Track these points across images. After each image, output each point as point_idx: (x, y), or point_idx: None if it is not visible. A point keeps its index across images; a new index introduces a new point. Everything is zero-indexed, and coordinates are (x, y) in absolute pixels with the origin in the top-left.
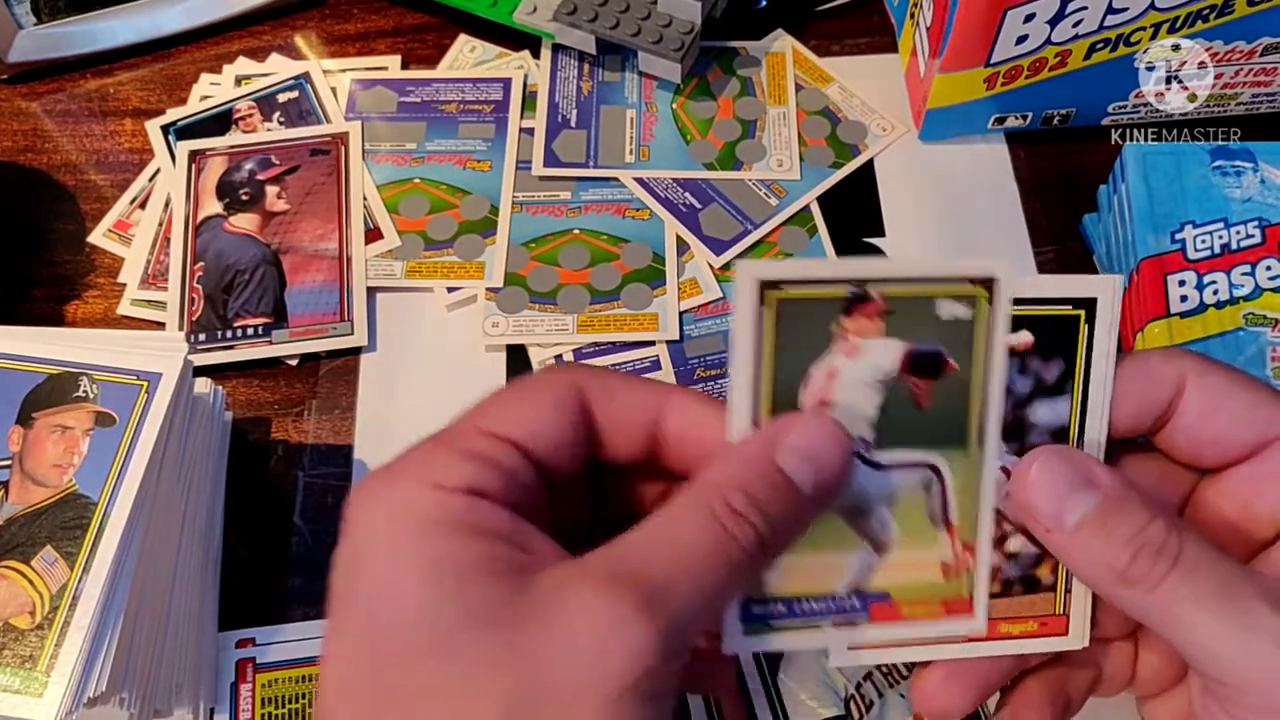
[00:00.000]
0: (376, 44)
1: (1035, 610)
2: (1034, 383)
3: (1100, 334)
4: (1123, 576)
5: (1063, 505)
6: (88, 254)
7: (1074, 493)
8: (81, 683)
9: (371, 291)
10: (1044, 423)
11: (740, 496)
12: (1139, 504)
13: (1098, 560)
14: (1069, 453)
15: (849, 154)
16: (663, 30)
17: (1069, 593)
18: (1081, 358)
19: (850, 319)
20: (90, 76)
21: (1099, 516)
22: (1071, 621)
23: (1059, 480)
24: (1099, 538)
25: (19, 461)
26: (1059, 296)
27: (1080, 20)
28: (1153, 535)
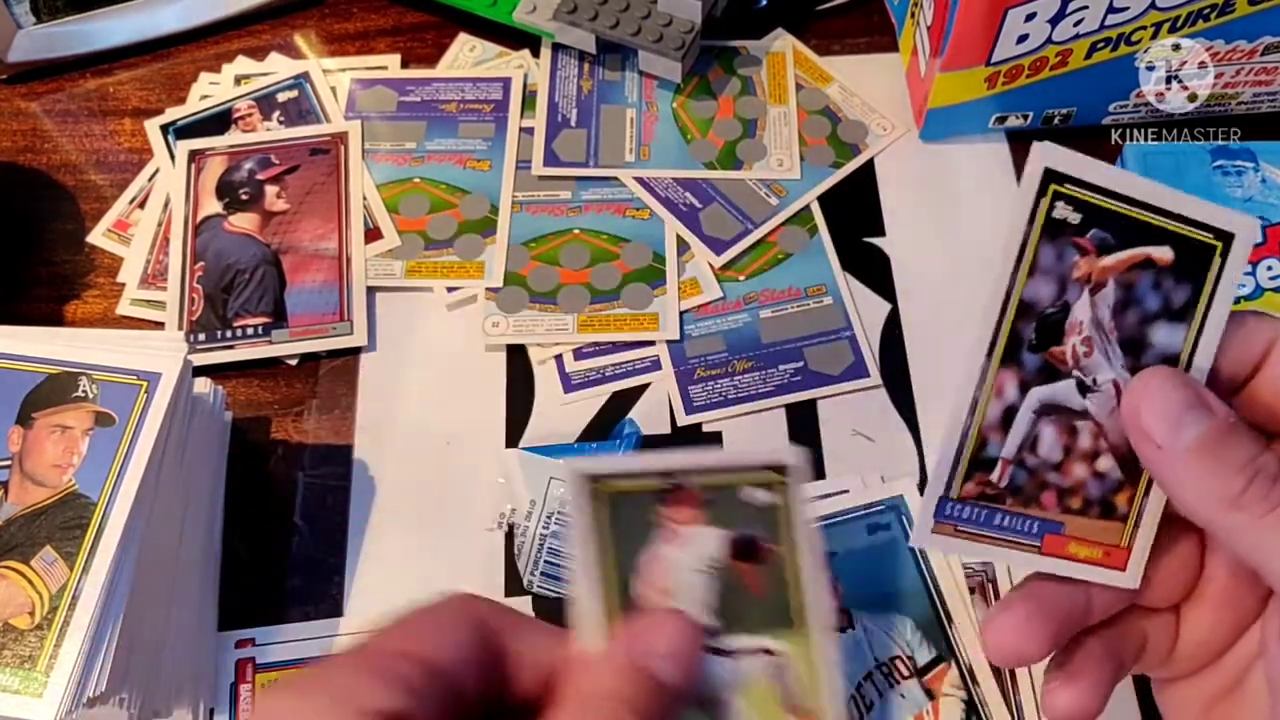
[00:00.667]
0: (376, 43)
1: (1104, 537)
2: (1162, 303)
3: (1230, 272)
4: (1234, 502)
5: (1178, 423)
6: (87, 254)
7: (1189, 411)
8: (81, 683)
9: (371, 291)
10: (1161, 344)
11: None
12: (1252, 434)
13: (1207, 483)
14: (1185, 376)
15: (849, 153)
16: (663, 29)
17: (1136, 529)
18: (1208, 289)
19: (669, 509)
20: (89, 76)
21: (1214, 439)
22: (1131, 558)
23: (1175, 398)
24: (1212, 461)
25: (18, 461)
26: (1206, 222)
27: (1081, 19)
28: (1266, 464)
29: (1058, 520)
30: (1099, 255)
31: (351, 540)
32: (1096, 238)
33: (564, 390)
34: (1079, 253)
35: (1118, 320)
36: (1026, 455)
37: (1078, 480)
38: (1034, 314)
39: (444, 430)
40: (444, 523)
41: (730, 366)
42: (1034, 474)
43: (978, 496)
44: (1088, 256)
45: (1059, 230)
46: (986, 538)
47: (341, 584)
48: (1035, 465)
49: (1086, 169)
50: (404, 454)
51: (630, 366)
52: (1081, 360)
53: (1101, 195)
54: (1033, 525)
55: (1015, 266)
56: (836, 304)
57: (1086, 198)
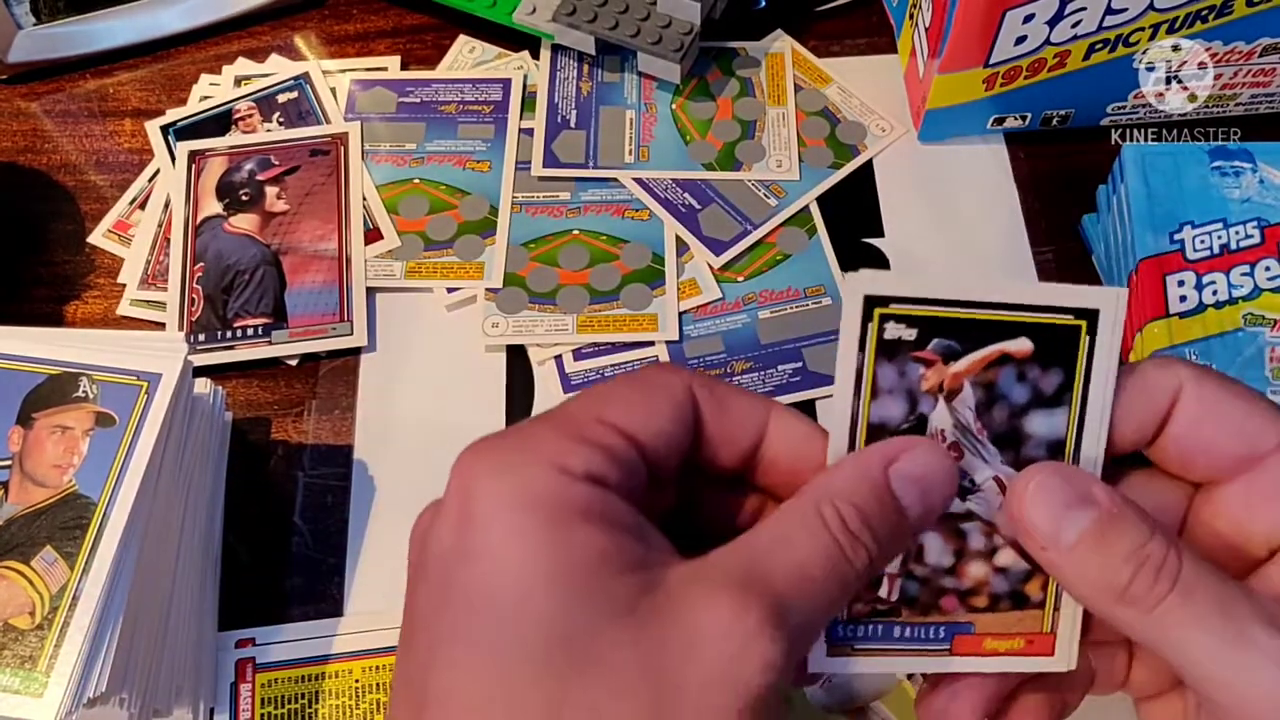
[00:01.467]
0: (376, 44)
1: (1023, 627)
2: (1031, 393)
3: (1101, 348)
4: (1121, 596)
5: (1059, 523)
6: (87, 254)
7: (1070, 510)
8: (81, 683)
9: (371, 292)
10: (1040, 434)
11: (854, 514)
12: (1137, 520)
13: (1095, 579)
14: (1066, 469)
15: (848, 154)
16: (662, 31)
17: (1057, 611)
18: (1081, 370)
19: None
20: (90, 77)
21: (1096, 534)
22: (1058, 641)
23: (1056, 497)
24: (1096, 556)
25: (19, 462)
26: (1062, 305)
27: (1079, 21)
28: (1151, 553)
29: (965, 621)
30: (946, 363)
31: (351, 540)
32: (939, 347)
33: (564, 391)
34: (924, 365)
35: (984, 419)
36: (914, 566)
37: (977, 580)
38: (887, 433)
39: (444, 431)
40: None
41: (729, 367)
42: (926, 582)
43: (870, 614)
44: (934, 366)
45: (895, 350)
46: (888, 651)
47: (341, 584)
48: (925, 574)
49: (910, 286)
50: (404, 454)
51: (630, 367)
52: None
53: (934, 306)
54: (937, 631)
55: (855, 394)
56: (835, 305)
57: (918, 313)
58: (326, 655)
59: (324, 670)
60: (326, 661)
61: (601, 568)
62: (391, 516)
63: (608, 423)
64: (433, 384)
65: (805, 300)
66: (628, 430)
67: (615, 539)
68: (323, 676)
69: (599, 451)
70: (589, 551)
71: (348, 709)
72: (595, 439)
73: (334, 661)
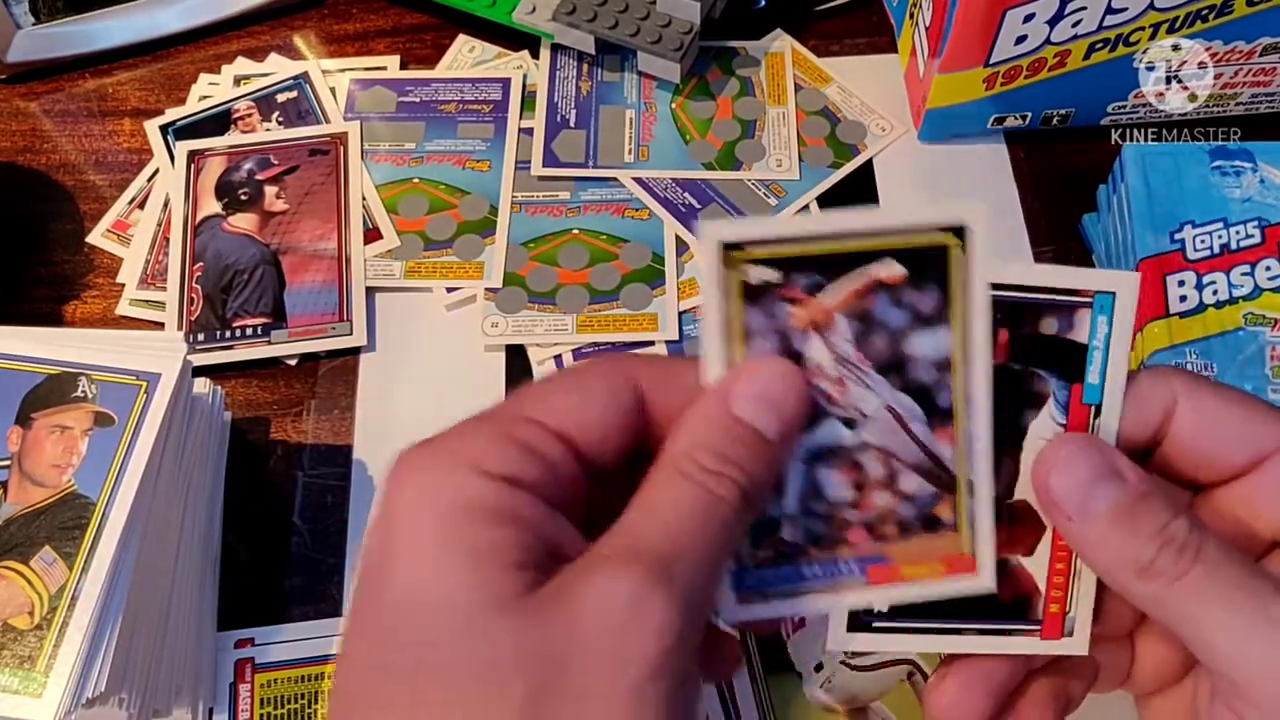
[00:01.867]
0: (375, 44)
1: (939, 550)
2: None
3: (1119, 331)
4: (1145, 570)
5: (1087, 495)
6: (86, 254)
7: (1099, 483)
8: (80, 683)
9: (370, 291)
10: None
11: (709, 455)
12: (1164, 500)
13: (1118, 553)
14: (1096, 441)
15: (848, 154)
16: (662, 30)
17: (974, 529)
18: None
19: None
20: (89, 76)
21: (1125, 509)
22: (979, 560)
23: (1084, 468)
24: (1122, 531)
25: (18, 461)
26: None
27: (1079, 20)
28: (1176, 531)
29: (877, 554)
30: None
31: (351, 540)
32: (805, 284)
33: None
34: (792, 303)
35: (865, 348)
36: (813, 504)
37: (883, 509)
38: None
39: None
40: None
41: None
42: (829, 519)
43: (776, 558)
44: (803, 303)
45: (761, 293)
46: (801, 592)
47: (341, 584)
48: (827, 510)
49: (767, 228)
50: None
51: None
52: (839, 400)
53: (795, 244)
54: (849, 565)
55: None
56: None
57: (779, 254)
58: (326, 655)
59: (323, 670)
60: (326, 662)
61: (500, 563)
62: None
63: (535, 419)
64: (432, 384)
65: None
66: (556, 426)
67: (518, 536)
68: (322, 677)
69: (520, 450)
70: (489, 549)
71: None
72: (518, 437)
73: (333, 662)
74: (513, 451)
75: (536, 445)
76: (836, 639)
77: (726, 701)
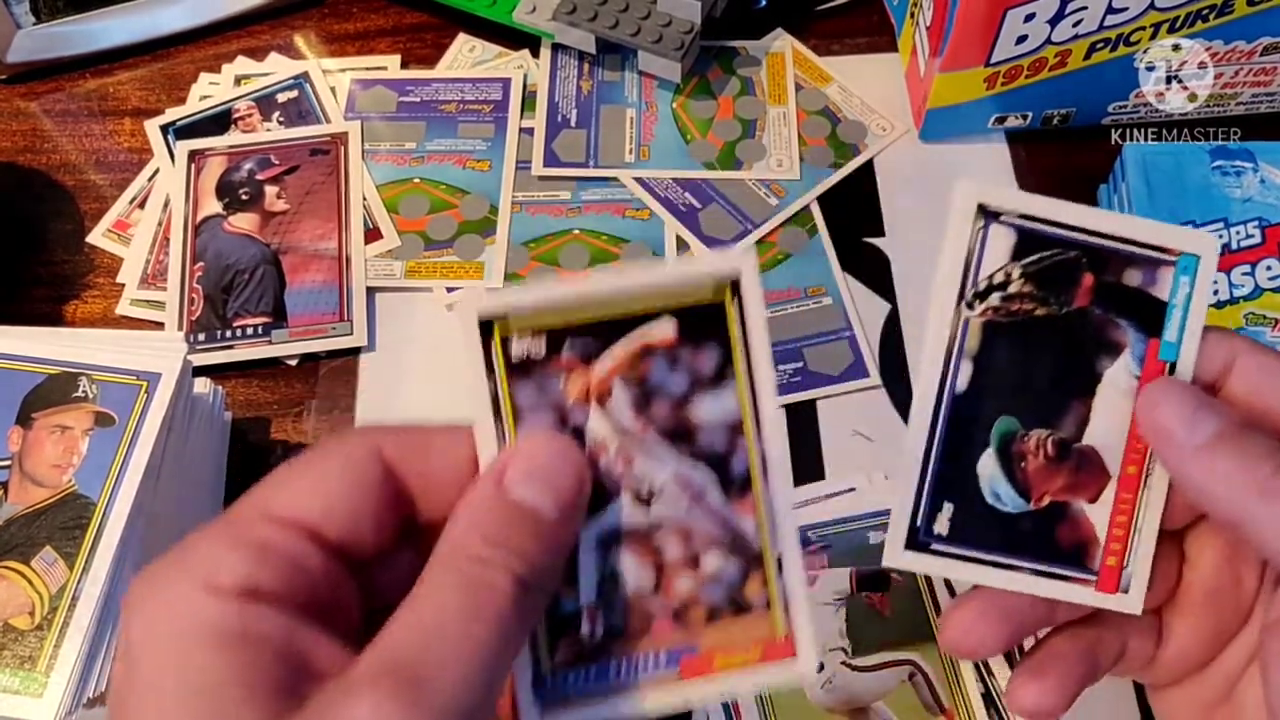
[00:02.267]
0: (376, 43)
1: (752, 634)
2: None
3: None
4: (1264, 488)
5: (1194, 420)
6: (87, 254)
7: (1201, 409)
8: (81, 683)
9: (371, 291)
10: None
11: (480, 541)
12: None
13: (1232, 473)
14: (1189, 385)
15: (849, 154)
16: (662, 30)
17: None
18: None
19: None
20: (89, 76)
21: (1233, 432)
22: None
23: (1187, 399)
24: (1235, 451)
25: (18, 462)
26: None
27: (1080, 20)
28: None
29: (686, 644)
30: (587, 366)
31: None
32: (574, 351)
33: None
34: (564, 374)
35: (646, 417)
36: (611, 593)
37: (689, 593)
38: None
39: None
40: None
41: None
42: (630, 609)
43: (576, 659)
44: (574, 373)
45: (528, 367)
46: (609, 693)
47: None
48: (627, 600)
49: (525, 295)
50: None
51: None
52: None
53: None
54: (658, 659)
55: (496, 421)
56: (836, 304)
57: (545, 323)
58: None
59: None
60: None
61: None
62: None
63: (272, 516)
64: (432, 384)
65: (806, 300)
66: (295, 517)
67: (254, 659)
68: None
69: (254, 554)
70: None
71: None
72: (253, 538)
73: None
74: (246, 557)
75: (274, 544)
76: (893, 556)
77: (727, 702)
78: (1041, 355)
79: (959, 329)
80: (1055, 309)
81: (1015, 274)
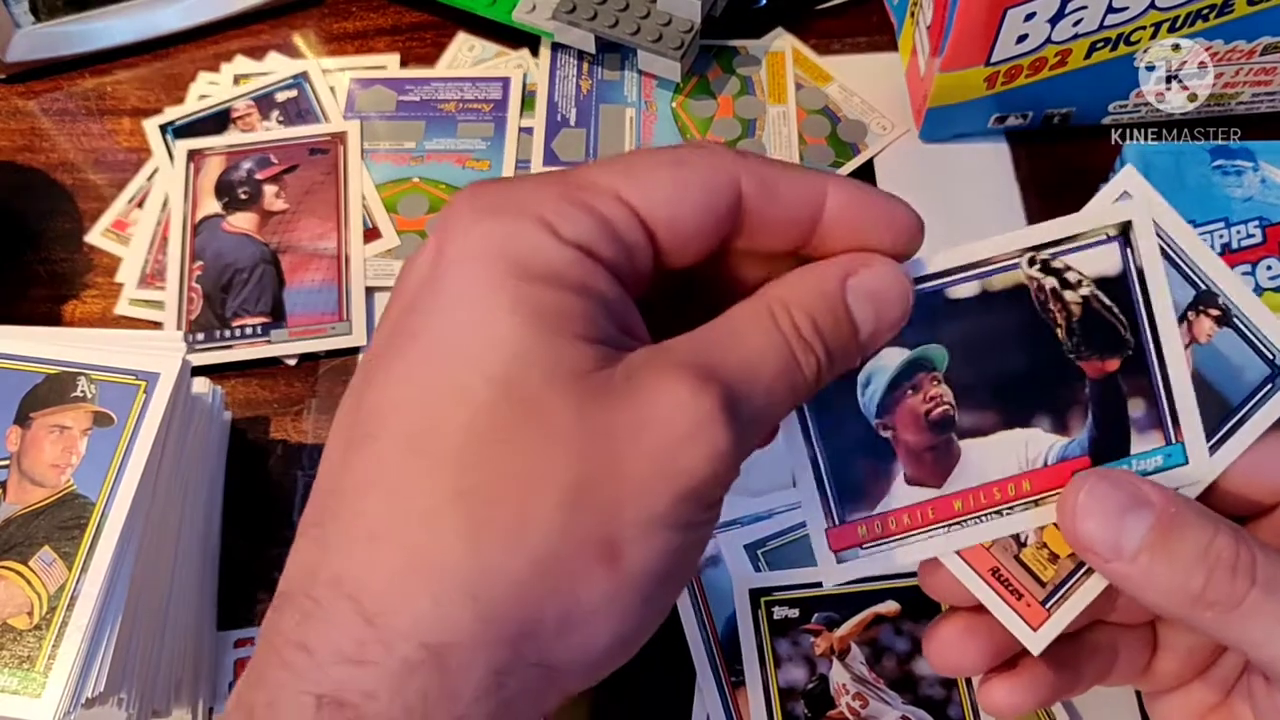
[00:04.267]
0: (375, 42)
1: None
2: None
3: None
4: (1198, 600)
5: (1118, 532)
6: (85, 253)
7: (1126, 515)
8: (80, 683)
9: (370, 291)
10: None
11: (808, 324)
12: (1198, 517)
13: (1167, 585)
14: (1112, 473)
15: (849, 153)
16: (662, 29)
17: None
18: None
19: None
20: (88, 75)
21: (1159, 537)
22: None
23: (1108, 505)
24: (1164, 561)
25: (17, 461)
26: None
27: (1080, 19)
28: (1221, 550)
29: None
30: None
31: None
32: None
33: None
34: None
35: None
36: None
37: None
38: (797, 694)
39: None
40: None
41: None
42: None
43: None
44: (821, 635)
45: (785, 627)
46: None
47: None
48: None
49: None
50: None
51: None
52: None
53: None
54: None
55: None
56: None
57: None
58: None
59: None
60: None
61: (562, 332)
62: None
63: (622, 199)
64: None
65: None
66: (643, 211)
67: (585, 309)
68: None
69: (598, 223)
70: (553, 314)
71: None
72: (599, 209)
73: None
74: (590, 223)
75: (618, 225)
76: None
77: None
78: (1004, 351)
79: None
80: (1060, 338)
81: (1085, 290)
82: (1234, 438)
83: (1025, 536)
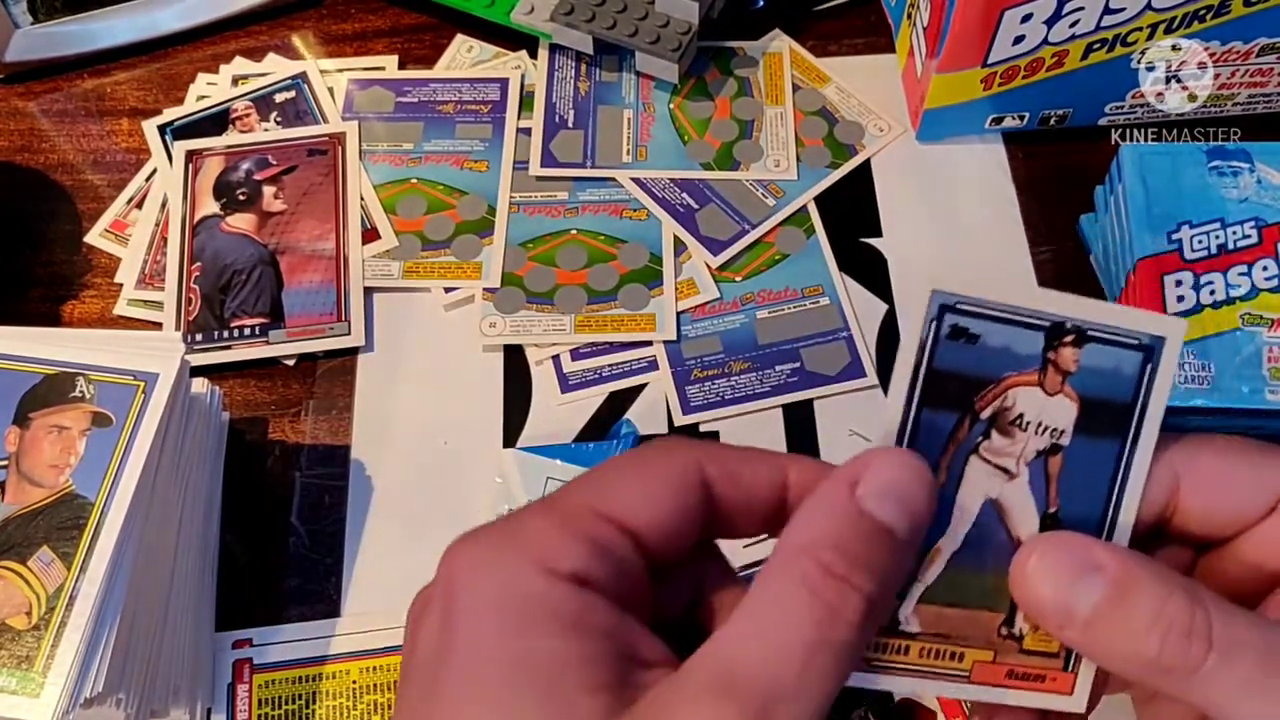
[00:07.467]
0: (373, 44)
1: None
2: None
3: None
4: (1154, 665)
5: (1069, 598)
6: (84, 254)
7: (1077, 581)
8: (78, 683)
9: (369, 292)
10: None
11: (833, 555)
12: (1151, 579)
13: (1122, 651)
14: (1064, 537)
15: (846, 154)
16: (660, 30)
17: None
18: None
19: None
20: (87, 76)
21: (1112, 602)
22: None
23: (1060, 570)
24: (1117, 627)
25: (15, 462)
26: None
27: (1077, 20)
28: (1175, 614)
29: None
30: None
31: (349, 540)
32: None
33: (561, 390)
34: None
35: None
36: None
37: None
38: None
39: (441, 430)
40: (441, 522)
41: (727, 367)
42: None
43: None
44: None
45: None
46: None
47: (339, 584)
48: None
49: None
50: (401, 454)
51: (627, 367)
52: None
53: None
54: None
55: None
56: (833, 304)
57: None
58: (324, 656)
59: (321, 671)
60: (324, 662)
61: (568, 684)
62: (389, 516)
63: (603, 514)
64: (430, 384)
65: (803, 300)
66: (624, 521)
67: (590, 650)
68: (320, 677)
69: (589, 547)
70: (557, 663)
71: (345, 710)
72: (587, 532)
73: (331, 662)
74: (582, 548)
75: (605, 541)
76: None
77: None
78: None
79: None
80: None
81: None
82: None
83: (1020, 630)
